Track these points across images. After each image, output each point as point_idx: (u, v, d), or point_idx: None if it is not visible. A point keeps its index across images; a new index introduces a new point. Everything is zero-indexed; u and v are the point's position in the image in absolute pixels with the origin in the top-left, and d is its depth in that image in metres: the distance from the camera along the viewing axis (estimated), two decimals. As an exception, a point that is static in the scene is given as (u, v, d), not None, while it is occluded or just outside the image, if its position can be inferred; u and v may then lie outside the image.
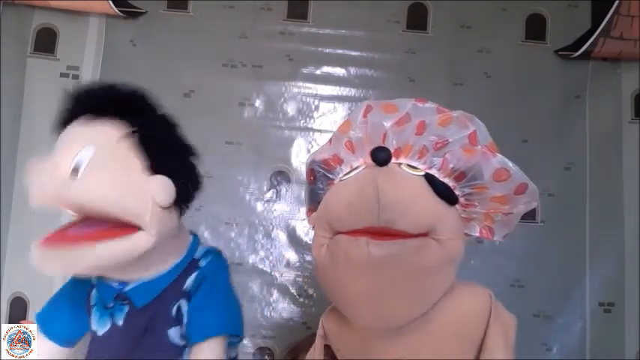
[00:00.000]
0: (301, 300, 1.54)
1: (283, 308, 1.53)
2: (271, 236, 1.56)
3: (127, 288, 0.96)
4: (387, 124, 0.84)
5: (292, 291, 1.54)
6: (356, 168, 0.86)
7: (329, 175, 0.91)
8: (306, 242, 1.55)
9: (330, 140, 0.94)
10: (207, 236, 1.53)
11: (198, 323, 0.94)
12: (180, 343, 0.97)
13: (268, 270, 1.55)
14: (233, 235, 1.55)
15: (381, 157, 0.77)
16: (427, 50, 1.62)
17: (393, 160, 0.80)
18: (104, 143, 0.88)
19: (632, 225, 1.57)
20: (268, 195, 1.58)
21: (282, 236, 1.56)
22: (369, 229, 0.76)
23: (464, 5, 1.63)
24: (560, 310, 1.54)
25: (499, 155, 0.82)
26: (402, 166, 0.82)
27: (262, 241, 1.56)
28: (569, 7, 1.64)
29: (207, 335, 0.93)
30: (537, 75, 1.62)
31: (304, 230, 1.56)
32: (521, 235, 1.51)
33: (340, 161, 0.90)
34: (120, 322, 0.96)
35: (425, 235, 0.77)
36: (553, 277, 1.54)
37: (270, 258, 1.55)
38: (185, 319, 0.95)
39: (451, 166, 0.81)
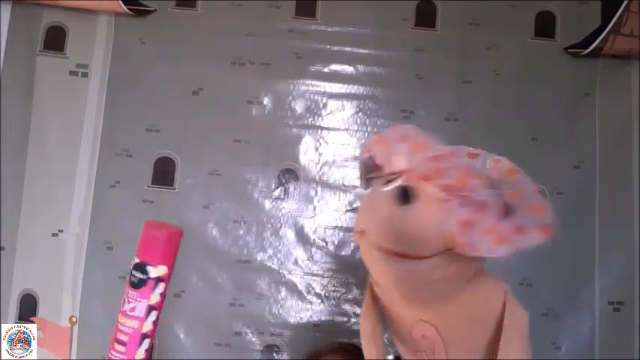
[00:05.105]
0: (309, 297, 1.54)
1: (291, 306, 1.53)
2: (279, 234, 1.56)
3: None
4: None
5: (300, 288, 1.54)
6: (393, 176, 0.86)
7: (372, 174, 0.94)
8: (314, 240, 1.55)
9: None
10: (215, 234, 1.54)
11: None
12: None
13: (276, 267, 1.55)
14: (241, 232, 1.56)
15: (402, 198, 0.81)
16: (436, 48, 1.62)
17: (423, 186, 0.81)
18: None
19: (642, 223, 1.56)
20: (276, 193, 1.58)
21: (290, 234, 1.56)
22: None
23: (473, 3, 1.62)
24: (570, 308, 1.53)
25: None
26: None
27: (270, 239, 1.56)
28: (579, 5, 1.62)
29: None
30: (547, 72, 1.61)
31: (312, 228, 1.56)
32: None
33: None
34: None
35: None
36: (562, 276, 1.53)
37: (279, 255, 1.55)
38: None
39: None
